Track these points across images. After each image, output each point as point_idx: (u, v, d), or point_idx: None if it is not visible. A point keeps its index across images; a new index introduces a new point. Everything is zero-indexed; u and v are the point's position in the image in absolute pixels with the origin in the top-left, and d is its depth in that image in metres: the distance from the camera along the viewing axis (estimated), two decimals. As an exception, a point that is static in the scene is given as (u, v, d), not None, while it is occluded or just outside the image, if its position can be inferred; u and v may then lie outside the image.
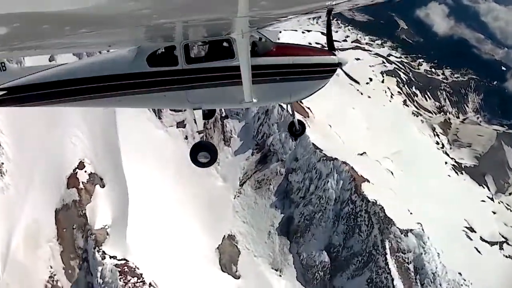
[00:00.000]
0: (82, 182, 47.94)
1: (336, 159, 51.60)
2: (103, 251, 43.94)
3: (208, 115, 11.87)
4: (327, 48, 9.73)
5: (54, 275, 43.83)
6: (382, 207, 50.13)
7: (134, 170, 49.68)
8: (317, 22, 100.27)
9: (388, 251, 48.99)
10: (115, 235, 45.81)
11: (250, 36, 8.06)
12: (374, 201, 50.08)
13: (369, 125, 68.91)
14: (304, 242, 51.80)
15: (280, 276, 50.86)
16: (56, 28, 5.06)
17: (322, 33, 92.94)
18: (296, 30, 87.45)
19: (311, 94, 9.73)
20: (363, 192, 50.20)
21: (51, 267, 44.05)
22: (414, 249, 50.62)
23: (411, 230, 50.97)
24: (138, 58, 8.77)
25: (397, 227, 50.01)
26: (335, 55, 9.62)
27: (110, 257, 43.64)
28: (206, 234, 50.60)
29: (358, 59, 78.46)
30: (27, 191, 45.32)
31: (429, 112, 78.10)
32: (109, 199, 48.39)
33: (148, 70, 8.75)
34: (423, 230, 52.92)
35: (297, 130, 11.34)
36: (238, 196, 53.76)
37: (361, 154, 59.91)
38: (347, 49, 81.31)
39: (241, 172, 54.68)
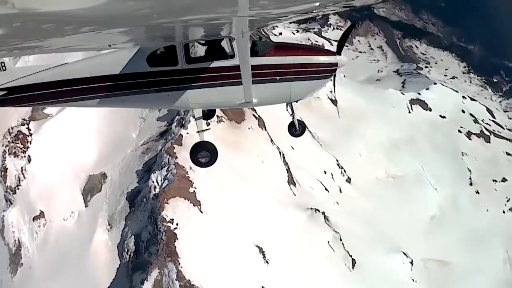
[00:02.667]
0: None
1: (175, 157, 46.60)
2: (28, 127, 61.53)
3: (208, 115, 11.90)
4: (327, 48, 10.01)
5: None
6: (174, 235, 43.21)
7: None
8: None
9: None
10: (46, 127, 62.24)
11: (250, 36, 8.05)
12: (169, 220, 43.65)
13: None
14: (132, 218, 51.74)
15: (108, 230, 53.86)
16: (56, 28, 5.05)
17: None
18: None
19: (311, 94, 9.76)
20: (166, 203, 44.35)
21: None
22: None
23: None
24: (138, 58, 8.86)
25: (178, 269, 42.35)
26: (334, 55, 9.70)
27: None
28: (95, 162, 58.93)
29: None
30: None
31: None
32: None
33: (148, 70, 8.87)
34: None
35: (296, 130, 11.05)
36: (134, 151, 57.84)
37: (336, 203, 50.40)
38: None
39: (151, 135, 57.70)
